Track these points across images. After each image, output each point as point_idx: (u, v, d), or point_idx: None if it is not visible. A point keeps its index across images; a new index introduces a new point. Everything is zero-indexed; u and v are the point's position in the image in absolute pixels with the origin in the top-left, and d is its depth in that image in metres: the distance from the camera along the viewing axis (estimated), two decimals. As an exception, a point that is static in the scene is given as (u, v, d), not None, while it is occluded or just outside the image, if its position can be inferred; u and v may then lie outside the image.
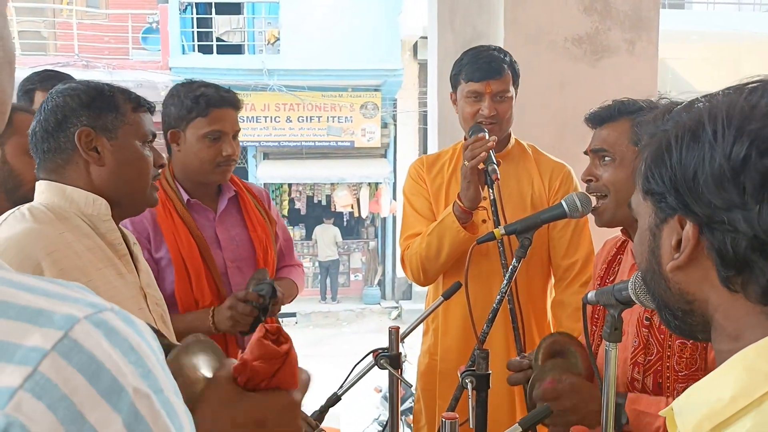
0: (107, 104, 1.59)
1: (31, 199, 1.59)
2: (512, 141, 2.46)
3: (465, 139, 2.40)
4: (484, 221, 2.36)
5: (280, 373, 0.77)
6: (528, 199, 2.38)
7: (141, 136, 1.64)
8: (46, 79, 2.55)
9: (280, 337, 0.79)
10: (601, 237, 2.02)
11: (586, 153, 1.84)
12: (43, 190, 1.59)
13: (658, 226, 0.86)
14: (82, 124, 1.56)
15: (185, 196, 2.27)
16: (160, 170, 1.72)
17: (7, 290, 0.52)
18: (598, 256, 1.99)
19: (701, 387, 0.81)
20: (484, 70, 2.31)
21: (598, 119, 1.79)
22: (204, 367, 0.82)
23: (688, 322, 0.88)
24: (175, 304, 2.17)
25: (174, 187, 2.27)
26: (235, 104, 2.26)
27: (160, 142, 1.78)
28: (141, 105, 1.66)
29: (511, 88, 2.34)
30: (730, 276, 0.79)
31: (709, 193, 0.78)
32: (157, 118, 1.78)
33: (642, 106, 1.74)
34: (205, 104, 2.20)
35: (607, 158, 1.76)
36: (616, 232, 1.88)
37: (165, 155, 1.87)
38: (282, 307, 2.32)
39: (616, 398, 1.56)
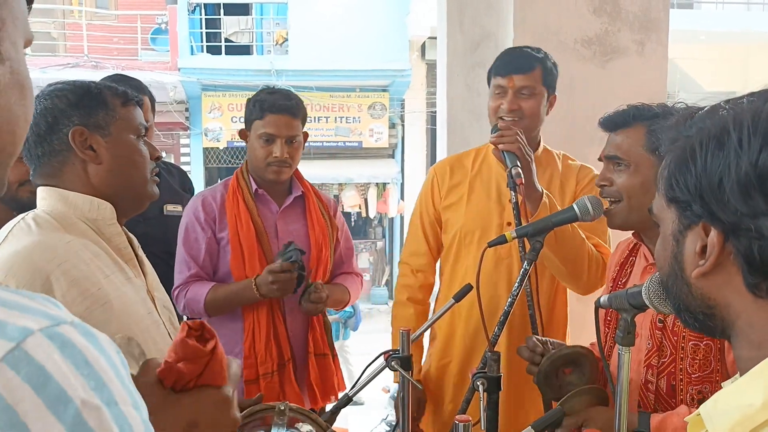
0: (96, 101, 1.56)
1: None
2: (541, 148, 2.41)
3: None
4: (509, 224, 2.32)
5: (207, 371, 0.76)
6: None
7: (134, 129, 1.61)
8: (117, 82, 2.62)
9: (204, 333, 0.77)
10: (617, 237, 2.02)
11: (600, 159, 1.84)
12: (44, 196, 1.55)
13: (682, 233, 0.86)
14: (74, 123, 1.52)
15: (254, 187, 2.53)
16: (156, 163, 1.69)
17: None
18: (611, 258, 1.99)
19: (730, 393, 0.81)
20: (509, 65, 2.29)
21: (612, 124, 1.79)
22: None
23: (707, 325, 0.88)
24: (229, 279, 2.46)
25: (246, 178, 2.55)
26: (290, 111, 2.49)
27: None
28: (129, 99, 1.63)
29: (541, 87, 2.29)
30: (757, 282, 0.79)
31: (734, 200, 0.78)
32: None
33: (657, 112, 1.74)
34: (260, 109, 2.46)
35: (621, 164, 1.76)
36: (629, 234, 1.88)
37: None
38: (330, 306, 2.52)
39: (637, 420, 1.57)
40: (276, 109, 2.46)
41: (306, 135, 2.62)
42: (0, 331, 0.51)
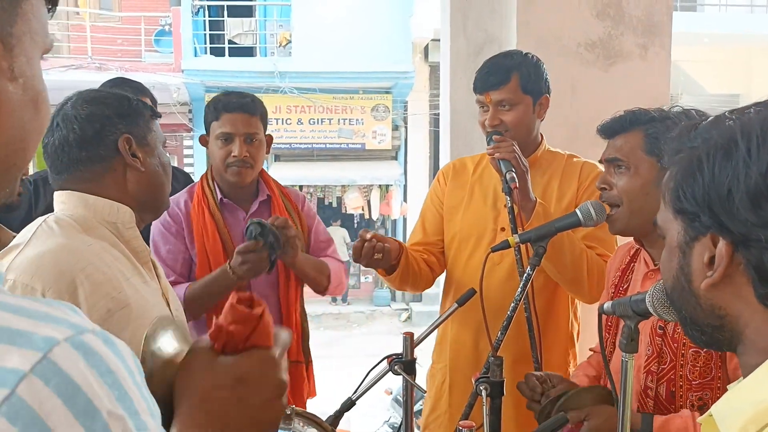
0: (135, 112, 1.62)
1: None
2: (542, 148, 2.41)
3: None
4: (503, 229, 2.34)
5: (254, 334, 0.79)
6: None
7: (162, 141, 1.69)
8: (118, 85, 2.68)
9: (253, 303, 0.80)
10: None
11: (601, 162, 1.85)
12: (63, 200, 1.58)
13: (689, 244, 0.85)
14: (121, 132, 1.57)
15: (219, 195, 2.46)
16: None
17: None
18: (611, 263, 2.00)
19: (741, 390, 0.81)
20: (483, 81, 2.30)
21: (610, 131, 1.80)
22: (178, 340, 0.85)
23: (715, 337, 0.87)
24: None
25: (211, 187, 2.47)
26: (246, 108, 2.40)
27: (169, 143, 1.80)
28: (154, 113, 1.69)
29: (521, 96, 2.28)
30: (767, 293, 0.78)
31: (744, 210, 0.77)
32: (169, 120, 1.82)
33: (654, 116, 1.75)
34: (215, 109, 2.41)
35: (621, 167, 1.77)
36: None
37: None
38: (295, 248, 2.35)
39: (641, 421, 1.57)
40: (231, 107, 2.39)
41: (270, 138, 2.52)
42: (26, 341, 0.52)
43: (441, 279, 2.65)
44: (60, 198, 1.59)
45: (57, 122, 1.59)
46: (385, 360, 1.81)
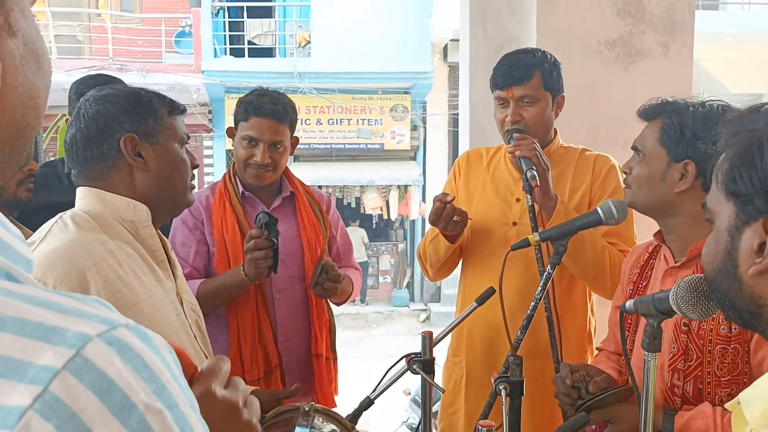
0: (146, 109, 1.61)
1: None
2: (556, 143, 2.41)
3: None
4: (514, 224, 2.35)
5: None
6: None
7: (179, 139, 1.67)
8: (100, 82, 2.64)
9: None
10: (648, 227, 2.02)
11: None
12: (82, 196, 1.59)
13: (739, 228, 0.84)
14: (125, 130, 1.57)
15: (241, 189, 2.47)
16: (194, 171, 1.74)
17: (23, 306, 0.52)
18: (626, 262, 1.99)
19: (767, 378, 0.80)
20: (505, 77, 2.30)
21: (644, 114, 1.84)
22: None
23: (751, 323, 0.87)
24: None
25: (233, 181, 2.48)
26: (276, 116, 2.38)
27: (189, 144, 1.78)
28: (175, 108, 1.68)
29: (542, 92, 2.29)
30: None
31: None
32: (189, 120, 1.80)
33: (680, 106, 1.76)
34: (245, 110, 2.40)
35: (639, 154, 1.80)
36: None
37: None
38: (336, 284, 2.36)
39: (662, 420, 1.56)
40: (261, 112, 2.38)
41: (296, 140, 2.53)
42: (59, 338, 0.51)
43: (455, 277, 2.64)
44: (79, 194, 1.61)
45: (72, 120, 1.60)
46: (404, 359, 1.81)
